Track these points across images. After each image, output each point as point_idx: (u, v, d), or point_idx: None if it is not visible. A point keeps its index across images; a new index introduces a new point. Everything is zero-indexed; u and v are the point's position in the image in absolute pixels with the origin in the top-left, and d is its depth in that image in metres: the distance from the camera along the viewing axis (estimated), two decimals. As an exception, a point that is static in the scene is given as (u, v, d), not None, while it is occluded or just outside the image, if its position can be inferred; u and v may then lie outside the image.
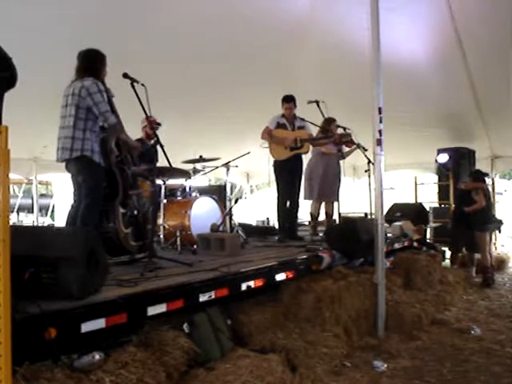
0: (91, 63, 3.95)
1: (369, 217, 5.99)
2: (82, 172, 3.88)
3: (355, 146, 6.35)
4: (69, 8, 5.48)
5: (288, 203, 6.20)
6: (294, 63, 7.67)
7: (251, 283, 3.82)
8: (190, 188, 6.07)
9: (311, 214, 6.95)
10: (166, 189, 5.58)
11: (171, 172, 4.69)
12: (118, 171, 4.11)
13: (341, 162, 6.55)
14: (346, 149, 6.74)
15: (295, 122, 6.18)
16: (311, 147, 6.42)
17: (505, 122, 8.22)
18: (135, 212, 4.31)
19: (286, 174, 6.11)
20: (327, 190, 6.56)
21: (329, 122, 6.43)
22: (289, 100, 6.12)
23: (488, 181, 8.49)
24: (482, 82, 7.67)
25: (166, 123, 5.97)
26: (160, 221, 5.39)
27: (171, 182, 6.03)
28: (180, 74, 7.16)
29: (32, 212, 11.51)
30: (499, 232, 8.83)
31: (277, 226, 6.72)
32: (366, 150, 6.10)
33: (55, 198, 14.25)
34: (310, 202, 6.83)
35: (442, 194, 9.55)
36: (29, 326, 2.32)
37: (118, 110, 4.17)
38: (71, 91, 3.87)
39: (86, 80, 3.83)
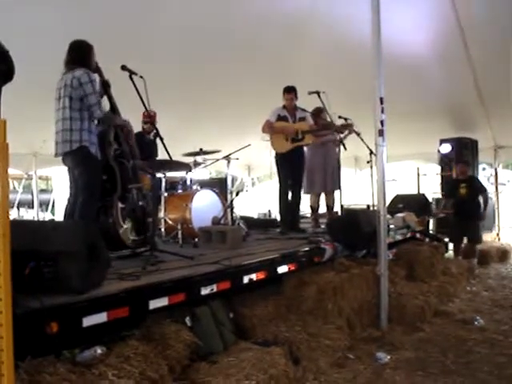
0: (78, 54, 3.92)
1: (371, 208, 5.96)
2: (80, 164, 3.86)
3: (348, 130, 6.30)
4: (69, 4, 5.45)
5: (290, 195, 6.18)
6: (295, 55, 7.62)
7: (253, 276, 3.81)
8: (190, 181, 6.05)
9: (311, 207, 6.92)
10: (166, 182, 5.56)
11: (171, 165, 4.67)
12: (116, 165, 4.08)
13: (342, 152, 6.49)
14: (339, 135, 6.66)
15: (296, 113, 6.13)
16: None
17: (507, 112, 8.16)
18: (135, 206, 4.27)
19: (288, 167, 6.08)
20: (328, 181, 6.53)
21: (318, 112, 6.40)
22: (290, 90, 6.07)
23: (491, 171, 8.48)
24: (484, 72, 7.62)
25: (166, 116, 5.94)
26: (161, 214, 5.37)
27: (172, 175, 6.01)
28: (180, 68, 7.13)
29: (32, 207, 11.48)
30: None
31: (278, 219, 6.69)
32: (359, 134, 6.07)
33: (55, 192, 14.22)
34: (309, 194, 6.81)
35: (445, 184, 9.52)
36: (30, 320, 2.31)
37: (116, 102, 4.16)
38: (63, 83, 3.85)
39: (77, 70, 3.80)
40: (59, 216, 12.85)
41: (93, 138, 3.87)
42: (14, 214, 12.90)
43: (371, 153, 5.68)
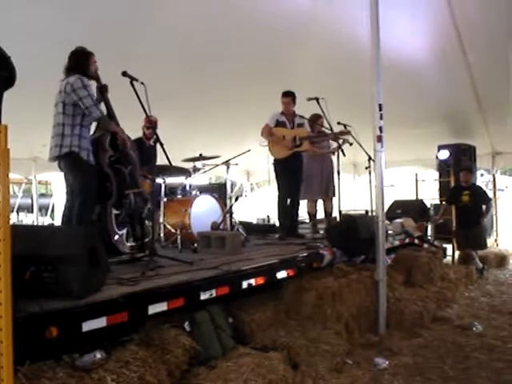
0: (76, 61, 3.95)
1: (369, 214, 5.98)
2: (72, 170, 3.89)
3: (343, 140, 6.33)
4: (69, 8, 5.47)
5: (289, 201, 6.19)
6: (294, 61, 7.65)
7: (252, 281, 3.82)
8: (190, 186, 6.06)
9: (309, 213, 6.94)
10: (166, 187, 5.57)
11: (171, 170, 4.67)
12: (111, 172, 4.09)
13: (340, 158, 6.51)
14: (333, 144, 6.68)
15: (295, 119, 6.14)
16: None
17: (505, 118, 8.21)
18: (133, 211, 4.27)
19: (286, 173, 6.09)
20: (325, 187, 6.55)
21: (315, 118, 6.44)
22: (286, 95, 6.08)
23: (489, 177, 8.51)
24: (482, 78, 7.66)
25: (166, 122, 5.96)
26: (160, 219, 5.38)
27: (171, 180, 6.03)
28: (180, 73, 7.15)
29: (32, 212, 11.50)
30: None
31: (277, 224, 6.70)
32: (351, 144, 6.13)
33: (55, 197, 14.22)
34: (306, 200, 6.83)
35: (443, 190, 9.53)
36: (30, 325, 2.31)
37: (117, 108, 4.17)
38: (59, 89, 3.90)
39: (71, 77, 3.84)
40: (59, 220, 12.84)
41: (84, 143, 3.87)
42: (13, 219, 12.90)
43: (370, 159, 5.71)
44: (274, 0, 6.68)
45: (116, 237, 4.06)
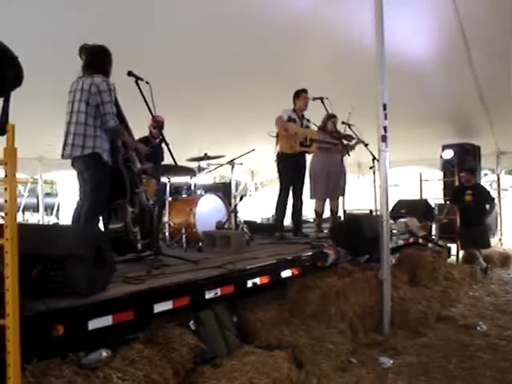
0: (100, 60, 3.88)
1: (374, 213, 5.98)
2: (90, 169, 3.82)
3: (355, 141, 6.37)
4: (72, 7, 5.49)
5: (292, 200, 6.20)
6: (298, 61, 7.65)
7: (257, 280, 3.83)
8: (195, 186, 6.09)
9: (316, 212, 6.94)
10: (171, 186, 5.60)
11: (176, 170, 4.69)
12: (125, 170, 4.10)
13: (345, 158, 6.53)
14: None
15: (303, 120, 6.18)
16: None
17: (510, 118, 8.18)
18: (140, 210, 4.30)
19: (290, 170, 6.08)
20: (333, 187, 6.55)
21: (327, 118, 6.47)
22: (306, 91, 6.12)
23: (493, 177, 8.50)
24: (486, 78, 7.63)
25: (171, 121, 5.97)
26: (165, 218, 5.40)
27: (176, 179, 6.05)
28: (185, 73, 7.16)
29: (37, 211, 11.56)
30: None
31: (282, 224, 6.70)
32: (367, 145, 6.12)
33: (60, 196, 14.29)
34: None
35: (448, 190, 9.52)
36: (37, 323, 2.33)
37: (122, 108, 4.18)
38: (80, 87, 3.78)
39: (96, 77, 3.76)
40: (64, 220, 12.91)
41: (105, 144, 3.84)
42: (19, 218, 12.91)
43: (374, 158, 5.71)
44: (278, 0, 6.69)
45: (132, 234, 4.08)
